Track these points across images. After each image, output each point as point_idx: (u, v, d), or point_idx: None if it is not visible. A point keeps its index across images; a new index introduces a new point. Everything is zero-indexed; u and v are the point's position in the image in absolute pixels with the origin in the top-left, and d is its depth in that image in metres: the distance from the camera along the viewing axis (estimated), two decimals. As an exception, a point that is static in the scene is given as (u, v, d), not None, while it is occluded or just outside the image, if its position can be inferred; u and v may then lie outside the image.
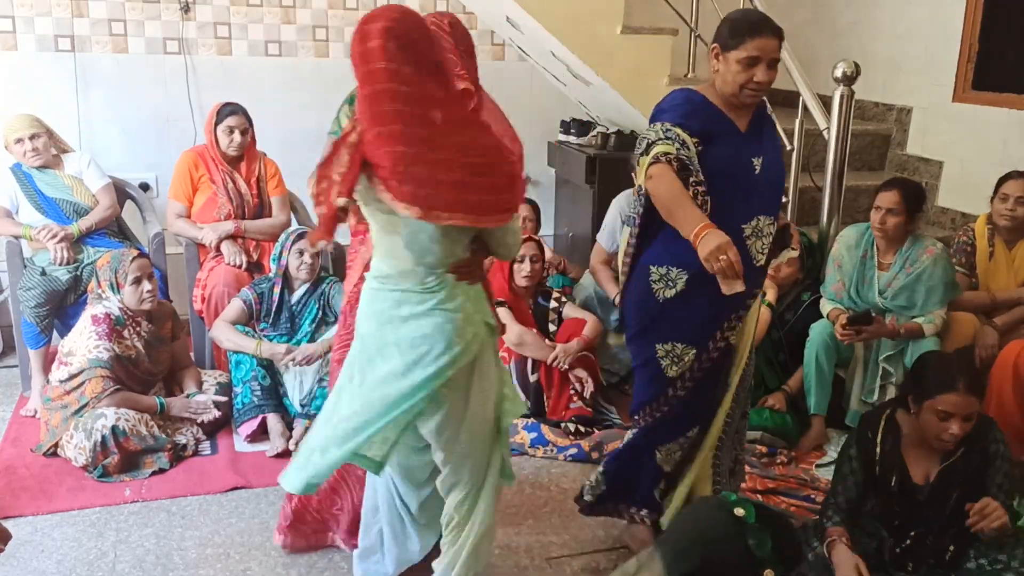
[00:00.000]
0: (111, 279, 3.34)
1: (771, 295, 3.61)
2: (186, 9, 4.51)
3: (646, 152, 2.32)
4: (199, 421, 3.37)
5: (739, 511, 1.64)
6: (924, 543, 2.42)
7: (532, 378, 3.58)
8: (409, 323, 1.98)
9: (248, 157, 3.94)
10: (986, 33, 4.27)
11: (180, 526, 2.85)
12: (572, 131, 4.97)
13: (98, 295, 3.37)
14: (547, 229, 5.07)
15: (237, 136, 3.83)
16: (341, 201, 1.84)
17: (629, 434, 2.63)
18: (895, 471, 2.44)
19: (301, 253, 3.51)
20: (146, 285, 3.34)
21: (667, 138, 2.31)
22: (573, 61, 4.22)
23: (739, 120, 2.40)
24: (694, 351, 2.43)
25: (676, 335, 2.43)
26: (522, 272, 3.72)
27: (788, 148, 3.76)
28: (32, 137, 3.72)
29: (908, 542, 2.42)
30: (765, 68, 2.30)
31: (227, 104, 3.88)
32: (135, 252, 3.44)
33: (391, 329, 2.00)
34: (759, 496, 3.03)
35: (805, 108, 3.60)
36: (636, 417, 2.57)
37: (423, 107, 1.81)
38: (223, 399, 3.44)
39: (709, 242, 2.06)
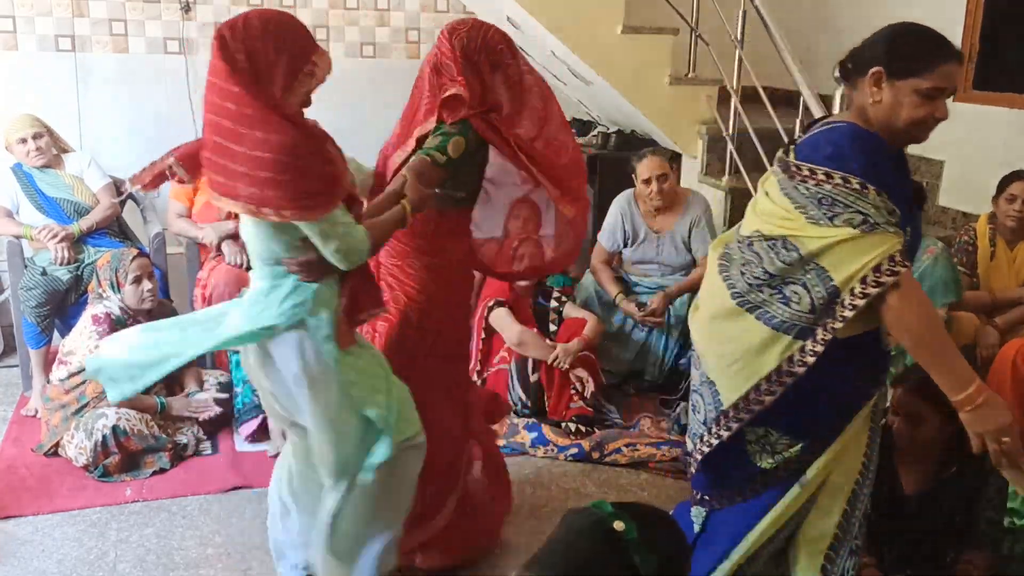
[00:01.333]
0: (111, 278, 3.34)
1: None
2: (187, 9, 4.51)
3: (870, 229, 1.75)
4: (200, 419, 3.37)
5: (619, 525, 1.38)
6: (919, 549, 2.40)
7: (532, 378, 3.58)
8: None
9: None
10: (987, 33, 4.27)
11: (181, 526, 2.85)
12: (573, 131, 4.96)
13: (99, 294, 3.37)
14: (548, 229, 5.06)
15: None
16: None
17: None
18: (886, 481, 2.37)
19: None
20: (146, 284, 3.34)
21: (892, 220, 1.77)
22: (573, 60, 4.22)
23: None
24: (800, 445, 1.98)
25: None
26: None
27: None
28: (35, 136, 3.72)
29: (903, 548, 2.41)
30: (945, 101, 1.84)
31: None
32: (135, 251, 3.44)
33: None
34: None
35: (806, 108, 3.60)
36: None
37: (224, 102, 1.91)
38: (224, 396, 3.43)
39: (992, 416, 1.67)
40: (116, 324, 3.29)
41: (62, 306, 3.72)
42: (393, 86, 4.91)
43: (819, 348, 1.81)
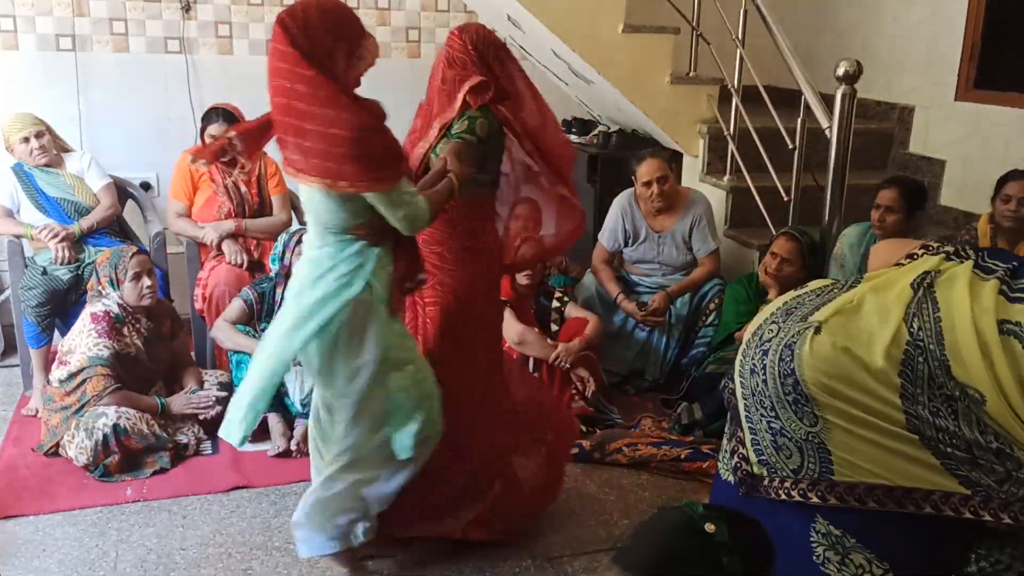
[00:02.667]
0: (111, 275, 3.33)
1: (772, 294, 3.60)
2: (187, 8, 4.51)
3: None
4: (201, 418, 3.37)
5: (710, 527, 1.45)
6: None
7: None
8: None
9: (248, 157, 3.94)
10: (988, 32, 4.26)
11: (181, 525, 2.85)
12: (574, 130, 4.96)
13: (98, 292, 3.37)
14: (548, 227, 5.05)
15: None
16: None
17: None
18: None
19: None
20: (146, 281, 3.33)
21: None
22: (574, 60, 4.22)
23: None
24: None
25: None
26: (523, 271, 3.72)
27: (791, 147, 3.76)
28: (38, 135, 3.73)
29: None
30: None
31: (212, 109, 3.89)
32: (135, 248, 3.44)
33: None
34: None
35: (807, 107, 3.59)
36: None
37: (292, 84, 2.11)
38: (224, 394, 3.43)
39: None
40: (115, 322, 3.28)
41: (62, 306, 3.72)
42: (393, 86, 4.91)
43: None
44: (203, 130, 3.89)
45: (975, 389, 1.83)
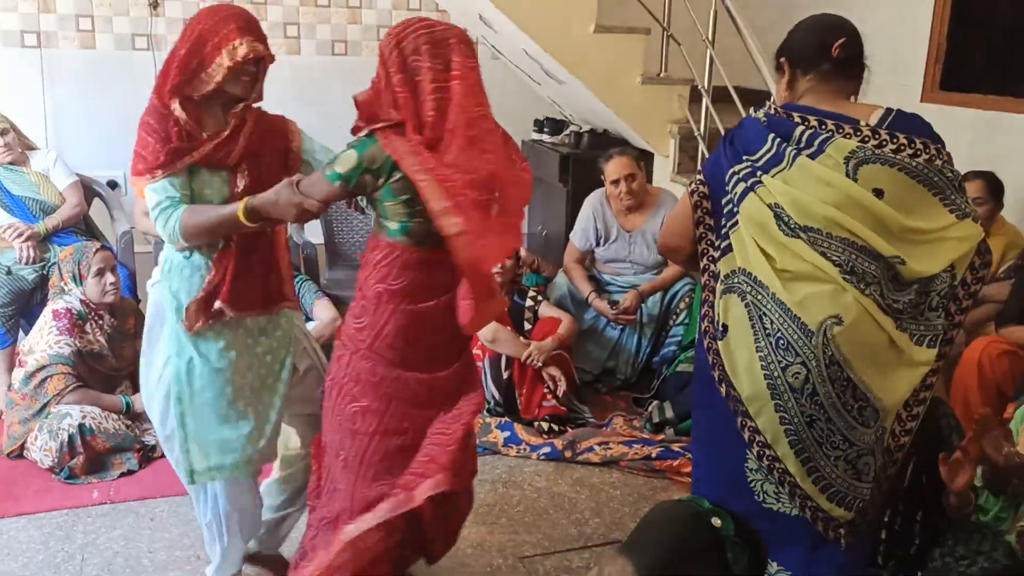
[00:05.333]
0: (74, 271, 3.28)
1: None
2: (155, 5, 4.46)
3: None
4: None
5: (716, 522, 1.50)
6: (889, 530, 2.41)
7: (505, 375, 3.58)
8: None
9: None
10: (954, 34, 4.32)
11: (149, 528, 2.81)
12: (546, 130, 4.97)
13: (60, 288, 3.31)
14: (521, 228, 5.06)
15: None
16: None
17: None
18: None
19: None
20: (109, 277, 3.28)
21: None
22: (546, 60, 4.23)
23: None
24: None
25: None
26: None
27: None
28: (2, 133, 3.67)
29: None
30: None
31: None
32: (99, 244, 3.39)
33: None
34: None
35: (776, 108, 3.62)
36: None
37: None
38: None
39: None
40: (78, 319, 3.24)
41: (27, 306, 3.67)
42: (364, 84, 4.89)
43: None
44: None
45: None
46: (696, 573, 1.47)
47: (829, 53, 2.10)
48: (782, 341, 1.95)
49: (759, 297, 1.98)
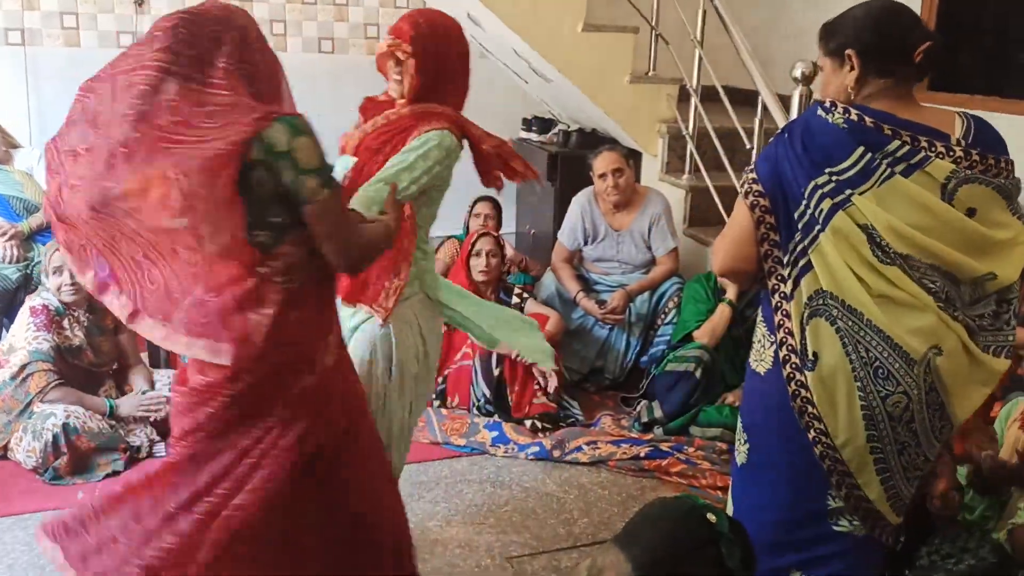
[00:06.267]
0: (47, 267, 3.25)
1: (731, 292, 3.63)
2: (140, 2, 4.43)
3: None
4: (153, 419, 3.30)
5: (712, 517, 1.51)
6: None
7: (495, 372, 3.58)
8: None
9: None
10: (942, 35, 4.33)
11: (135, 529, 2.79)
12: (534, 128, 4.97)
13: (43, 285, 3.28)
14: (509, 227, 5.06)
15: None
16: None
17: None
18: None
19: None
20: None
21: None
22: (534, 58, 4.22)
23: None
24: None
25: None
26: (478, 267, 3.73)
27: (748, 147, 3.79)
28: (-14, 131, 3.65)
29: None
30: None
31: None
32: None
33: None
34: (719, 493, 3.05)
35: (764, 107, 3.63)
36: None
37: None
38: (176, 395, 3.36)
39: None
40: (55, 315, 3.20)
41: (11, 305, 3.64)
42: (352, 81, 4.90)
43: None
44: None
45: None
46: (690, 567, 1.48)
47: (912, 56, 1.89)
48: (881, 370, 1.85)
49: (851, 324, 1.86)
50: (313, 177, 1.71)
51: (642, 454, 3.24)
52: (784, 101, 3.53)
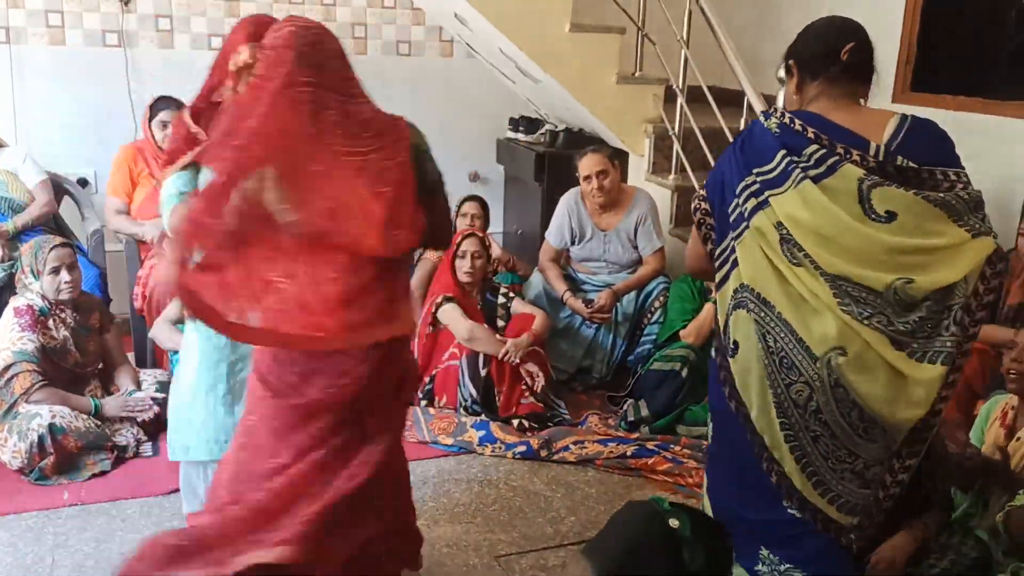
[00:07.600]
0: (32, 265, 3.21)
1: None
2: (126, 1, 4.41)
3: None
4: (139, 420, 3.29)
5: (674, 522, 1.53)
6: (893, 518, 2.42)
7: (482, 372, 3.58)
8: None
9: (190, 152, 3.87)
10: (924, 35, 4.37)
11: (120, 529, 2.78)
12: (521, 128, 4.97)
13: (24, 285, 3.26)
14: (496, 227, 5.07)
15: (171, 130, 3.77)
16: None
17: None
18: None
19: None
20: (64, 276, 3.19)
21: None
22: (521, 58, 4.23)
23: None
24: None
25: None
26: (463, 268, 3.73)
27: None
28: (-32, 130, 3.62)
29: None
30: None
31: (162, 98, 3.81)
32: (57, 240, 3.30)
33: None
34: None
35: (750, 107, 3.65)
36: None
37: None
38: (162, 396, 3.35)
39: None
40: (39, 315, 3.18)
41: (-4, 305, 3.62)
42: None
43: None
44: (151, 119, 3.80)
45: None
46: (650, 572, 1.50)
47: (838, 57, 2.05)
48: (786, 360, 1.95)
49: (764, 315, 1.97)
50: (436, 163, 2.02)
51: (629, 453, 3.26)
52: (769, 101, 3.55)
